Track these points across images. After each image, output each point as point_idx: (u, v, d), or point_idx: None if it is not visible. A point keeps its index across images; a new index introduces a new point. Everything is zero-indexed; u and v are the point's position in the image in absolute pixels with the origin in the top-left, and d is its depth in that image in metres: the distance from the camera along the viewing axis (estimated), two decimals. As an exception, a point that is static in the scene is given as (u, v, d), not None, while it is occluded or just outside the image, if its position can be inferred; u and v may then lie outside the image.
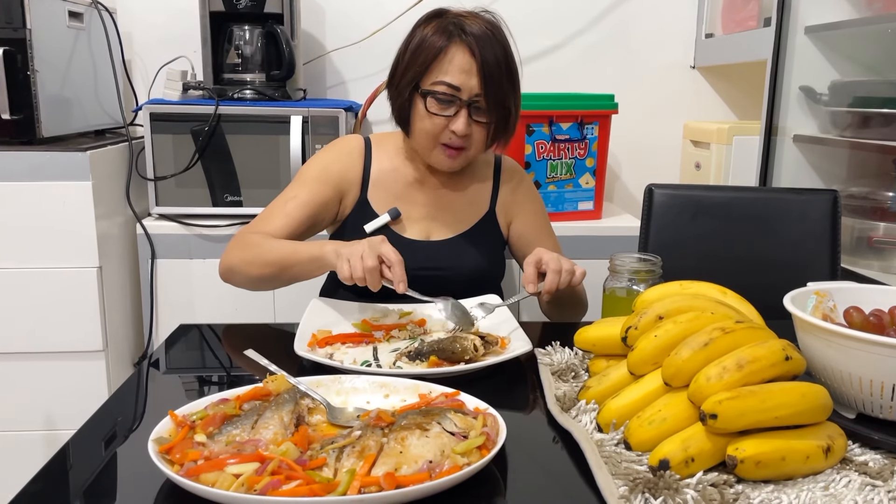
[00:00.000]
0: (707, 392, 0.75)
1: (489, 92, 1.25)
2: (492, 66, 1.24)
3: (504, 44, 1.27)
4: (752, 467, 0.73)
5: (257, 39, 2.00)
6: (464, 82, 1.24)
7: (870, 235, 1.74)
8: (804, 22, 1.84)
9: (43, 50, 1.70)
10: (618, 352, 0.93)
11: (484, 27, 1.25)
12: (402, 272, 1.11)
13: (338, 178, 1.37)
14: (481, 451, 0.74)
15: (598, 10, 2.35)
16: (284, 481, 0.68)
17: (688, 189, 1.64)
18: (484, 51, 1.24)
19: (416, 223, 1.38)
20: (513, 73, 1.29)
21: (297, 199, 1.33)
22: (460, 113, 1.26)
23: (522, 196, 1.45)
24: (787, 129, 1.91)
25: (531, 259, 1.20)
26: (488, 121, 1.28)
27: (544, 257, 1.19)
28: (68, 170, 1.70)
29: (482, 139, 1.30)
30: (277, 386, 0.88)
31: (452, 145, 1.29)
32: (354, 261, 1.11)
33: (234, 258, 1.28)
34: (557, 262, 1.18)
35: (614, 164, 2.44)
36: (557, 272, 1.17)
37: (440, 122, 1.27)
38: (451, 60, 1.24)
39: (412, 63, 1.27)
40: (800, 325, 0.87)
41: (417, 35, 1.28)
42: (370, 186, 1.38)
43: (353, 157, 1.39)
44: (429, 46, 1.25)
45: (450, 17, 1.27)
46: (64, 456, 0.81)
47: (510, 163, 1.48)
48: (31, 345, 1.76)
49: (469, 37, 1.24)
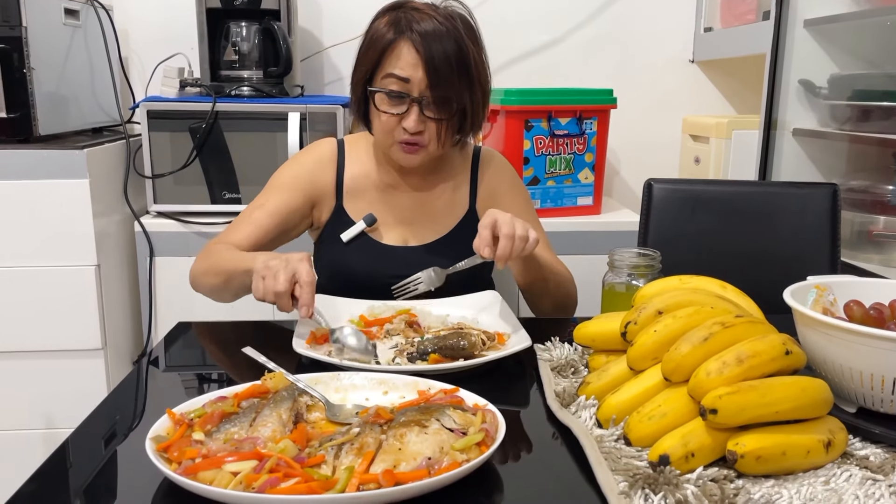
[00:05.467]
0: (707, 387, 0.75)
1: (437, 88, 1.22)
2: (439, 63, 1.20)
3: (458, 38, 1.22)
4: (753, 462, 0.72)
5: (254, 36, 1.99)
6: (411, 75, 1.22)
7: (870, 229, 1.74)
8: (803, 15, 1.84)
9: (39, 48, 1.69)
10: (617, 347, 0.93)
11: (437, 22, 1.22)
12: (308, 295, 1.06)
13: (308, 186, 1.35)
14: (480, 448, 0.74)
15: (596, 4, 2.34)
16: (283, 479, 0.68)
17: (687, 183, 1.63)
18: (431, 47, 1.20)
19: (393, 229, 1.36)
20: (467, 65, 1.23)
21: (264, 208, 1.33)
22: (411, 110, 1.24)
23: (501, 184, 1.41)
24: (786, 123, 1.91)
25: (485, 221, 1.11)
26: (441, 117, 1.25)
27: (499, 219, 1.10)
28: (65, 168, 1.70)
29: (440, 134, 1.27)
30: (276, 383, 0.87)
31: (408, 142, 1.27)
32: (268, 281, 1.07)
33: (195, 268, 1.30)
34: (510, 226, 1.09)
35: (613, 159, 2.44)
36: (510, 238, 1.08)
37: (392, 120, 1.25)
38: (398, 56, 1.22)
39: (364, 59, 1.27)
40: (800, 319, 0.86)
41: (372, 29, 1.27)
42: (345, 193, 1.36)
43: (324, 163, 1.37)
44: (378, 41, 1.24)
45: (402, 11, 1.24)
46: (63, 454, 0.81)
47: (488, 153, 1.44)
48: (29, 343, 1.76)
49: (415, 34, 1.21)
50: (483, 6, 2.28)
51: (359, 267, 1.33)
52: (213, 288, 1.28)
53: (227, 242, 1.30)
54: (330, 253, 1.36)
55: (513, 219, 1.11)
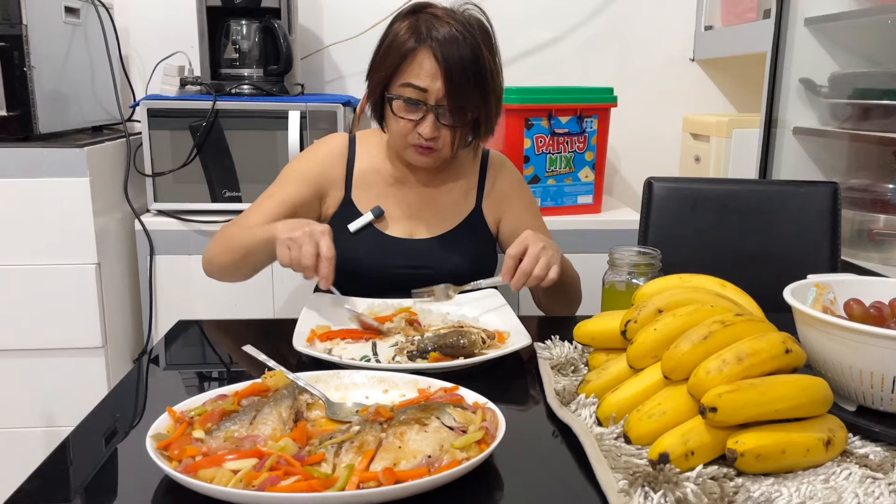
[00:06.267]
0: (707, 385, 0.75)
1: (454, 98, 1.24)
2: (457, 72, 1.22)
3: (475, 47, 1.24)
4: (753, 460, 0.73)
5: (254, 34, 1.99)
6: (429, 85, 1.23)
7: (870, 227, 1.74)
8: (804, 13, 1.84)
9: (39, 46, 1.69)
10: (617, 345, 0.93)
11: (454, 29, 1.23)
12: (327, 269, 1.13)
13: (318, 178, 1.38)
14: (480, 446, 0.74)
15: (597, 2, 2.34)
16: (283, 477, 0.68)
17: (687, 182, 1.63)
18: (450, 56, 1.22)
19: (399, 221, 1.38)
20: (483, 75, 1.25)
21: (274, 198, 1.36)
22: (427, 117, 1.26)
23: (510, 192, 1.44)
24: (786, 122, 1.90)
25: (513, 251, 1.18)
26: (456, 124, 1.28)
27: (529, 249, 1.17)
28: (66, 166, 1.70)
29: (454, 140, 1.30)
30: (276, 381, 0.87)
31: (422, 146, 1.29)
32: (294, 252, 1.14)
33: (210, 251, 1.35)
34: (532, 262, 1.16)
35: (613, 157, 2.44)
36: (525, 275, 1.16)
37: (408, 125, 1.27)
38: (419, 65, 1.23)
39: (383, 63, 1.28)
40: (800, 317, 0.86)
41: (392, 32, 1.28)
42: (353, 185, 1.39)
43: (334, 156, 1.40)
44: (398, 47, 1.25)
45: (423, 17, 1.26)
46: (63, 452, 0.81)
47: (497, 158, 1.47)
48: (30, 342, 1.76)
49: (434, 42, 1.22)
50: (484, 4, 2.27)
51: (365, 257, 1.34)
52: (229, 266, 1.32)
53: (239, 226, 1.35)
54: (336, 242, 1.36)
55: (539, 253, 1.16)
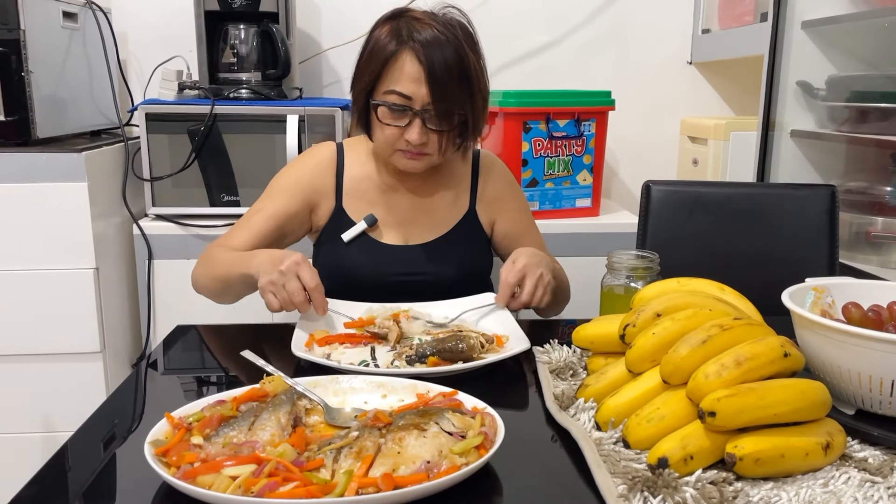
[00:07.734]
0: (705, 389, 0.75)
1: (440, 100, 1.22)
2: (441, 73, 1.20)
3: (458, 47, 1.22)
4: (752, 465, 0.72)
5: (253, 38, 1.99)
6: (414, 92, 1.21)
7: (868, 230, 1.74)
8: (801, 16, 1.84)
9: (37, 51, 1.69)
10: (616, 349, 0.93)
11: (436, 30, 1.21)
12: (320, 299, 1.12)
13: (307, 190, 1.36)
14: (479, 451, 0.74)
15: (594, 6, 2.34)
16: (281, 483, 0.68)
17: (685, 185, 1.63)
18: (433, 58, 1.20)
19: (393, 228, 1.37)
20: (468, 75, 1.23)
21: (263, 212, 1.34)
22: (414, 122, 1.24)
23: (504, 193, 1.43)
24: (784, 125, 1.91)
25: (511, 279, 1.19)
26: (443, 129, 1.25)
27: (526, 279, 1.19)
28: (64, 171, 1.70)
29: (441, 145, 1.27)
30: (275, 387, 0.87)
31: (410, 151, 1.27)
32: (281, 295, 1.11)
33: (196, 272, 1.33)
34: (530, 295, 1.19)
35: (612, 160, 2.44)
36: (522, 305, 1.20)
37: (395, 132, 1.25)
38: (401, 68, 1.21)
39: (366, 69, 1.26)
40: (798, 321, 0.87)
41: (373, 38, 1.26)
42: (344, 195, 1.37)
43: (323, 166, 1.38)
44: (379, 52, 1.23)
45: (403, 21, 1.24)
46: (62, 457, 0.81)
47: (488, 158, 1.45)
48: (28, 347, 1.76)
49: (416, 44, 1.20)
50: (481, 8, 2.29)
51: (359, 266, 1.33)
52: (213, 292, 1.31)
53: (226, 246, 1.31)
54: (330, 253, 1.36)
55: (536, 283, 1.19)
